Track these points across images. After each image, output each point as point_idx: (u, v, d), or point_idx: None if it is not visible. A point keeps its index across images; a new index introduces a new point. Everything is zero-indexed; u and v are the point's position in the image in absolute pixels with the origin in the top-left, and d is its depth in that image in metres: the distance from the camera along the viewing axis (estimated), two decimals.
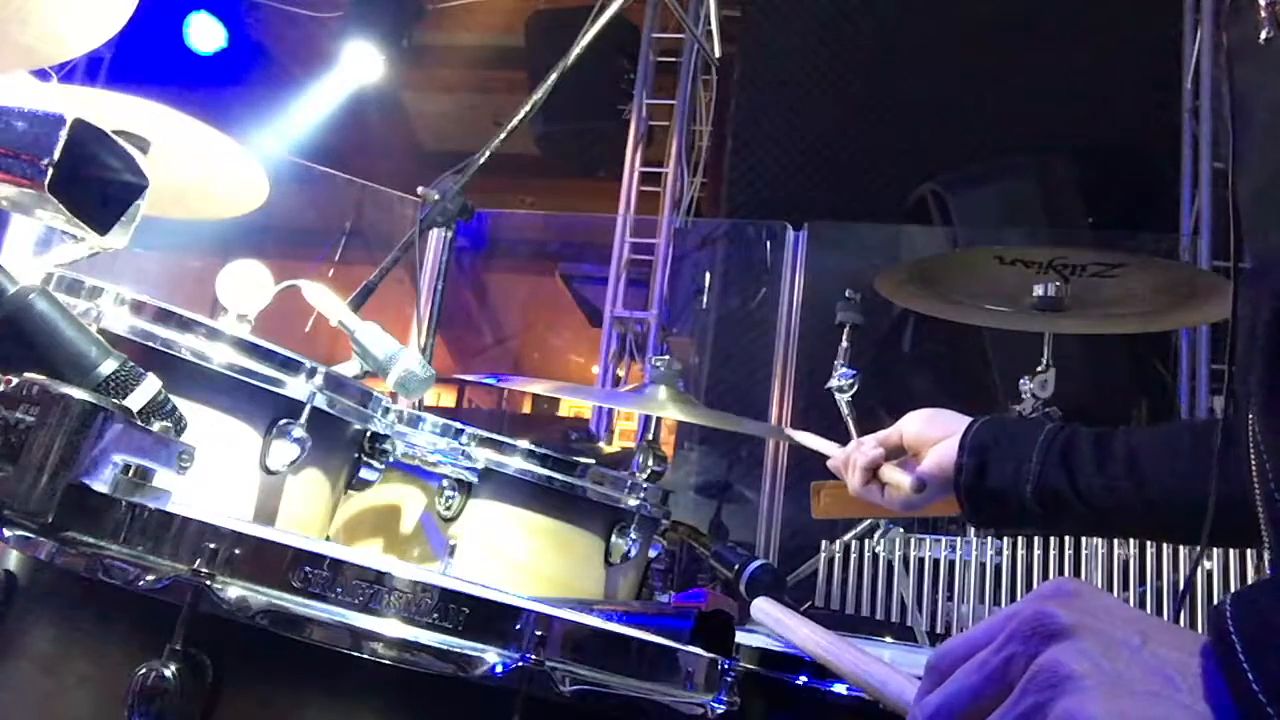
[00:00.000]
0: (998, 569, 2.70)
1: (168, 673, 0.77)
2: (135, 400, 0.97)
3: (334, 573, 0.81)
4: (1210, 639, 0.56)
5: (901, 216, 4.80)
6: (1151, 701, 0.52)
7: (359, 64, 6.54)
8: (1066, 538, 2.66)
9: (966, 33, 4.96)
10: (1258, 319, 0.79)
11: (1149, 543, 2.55)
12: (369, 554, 1.53)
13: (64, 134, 0.91)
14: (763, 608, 1.24)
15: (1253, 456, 0.82)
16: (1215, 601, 0.60)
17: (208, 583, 0.78)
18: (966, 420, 1.33)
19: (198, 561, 0.79)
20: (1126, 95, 4.80)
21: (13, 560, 0.88)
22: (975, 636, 0.61)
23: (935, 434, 1.34)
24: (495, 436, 1.62)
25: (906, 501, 1.37)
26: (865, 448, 1.42)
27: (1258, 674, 0.52)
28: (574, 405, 7.60)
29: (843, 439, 1.53)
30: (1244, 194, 0.90)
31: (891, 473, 1.38)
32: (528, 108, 2.31)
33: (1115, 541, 2.62)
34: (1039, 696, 0.54)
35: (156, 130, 1.83)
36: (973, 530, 2.78)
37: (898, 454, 1.41)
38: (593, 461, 1.68)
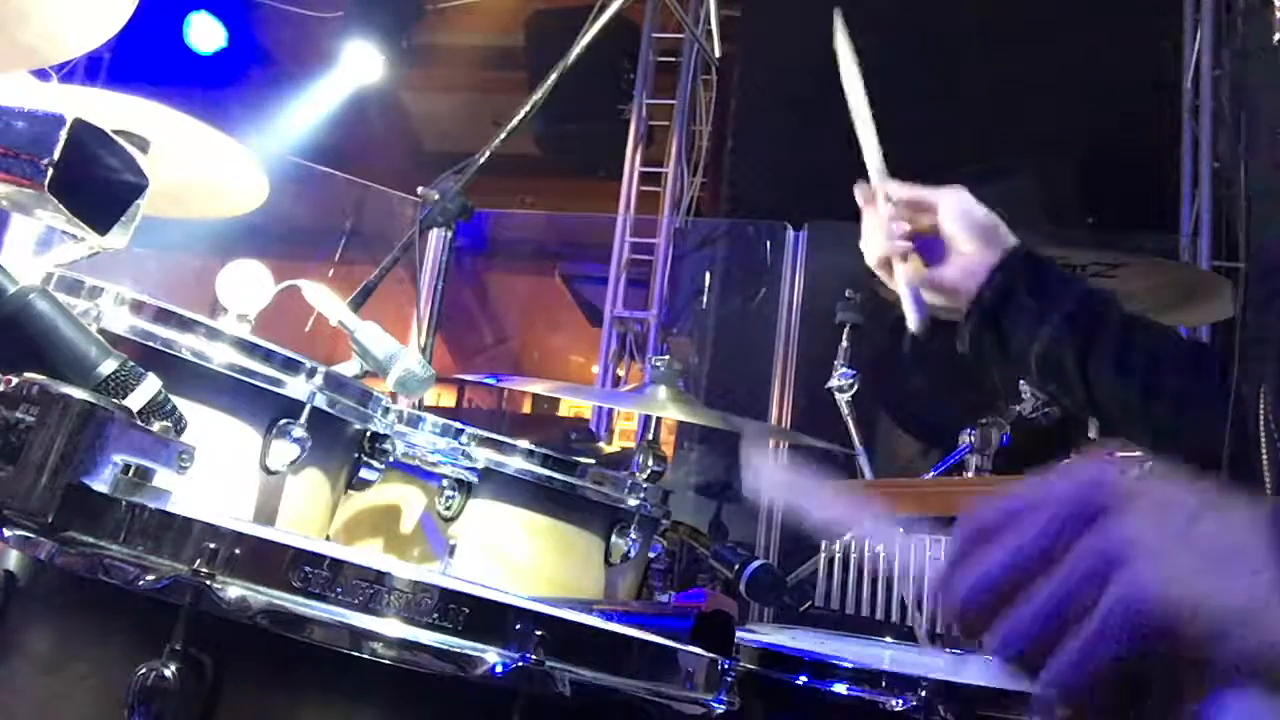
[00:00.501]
0: None
1: (168, 673, 0.77)
2: (135, 400, 0.97)
3: (334, 573, 0.81)
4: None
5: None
6: (1217, 568, 0.51)
7: (359, 64, 6.54)
8: None
9: (966, 33, 4.96)
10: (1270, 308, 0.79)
11: None
12: (369, 554, 1.53)
13: (64, 134, 0.91)
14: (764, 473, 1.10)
15: (1262, 429, 0.83)
16: None
17: (208, 583, 0.78)
18: (1007, 243, 1.27)
19: (198, 561, 0.79)
20: (1126, 95, 4.79)
21: (13, 560, 0.88)
22: (1009, 504, 0.58)
23: (974, 243, 1.27)
24: (495, 436, 1.62)
25: (918, 290, 1.29)
26: (895, 194, 1.34)
27: None
28: (574, 405, 7.60)
29: (843, 439, 1.53)
30: (1254, 185, 0.91)
31: (915, 272, 1.30)
32: (528, 108, 2.30)
33: None
34: (1095, 563, 0.52)
35: (156, 130, 1.83)
36: None
37: (927, 220, 1.32)
38: (593, 461, 1.68)
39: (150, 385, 0.99)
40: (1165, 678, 0.51)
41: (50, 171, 0.90)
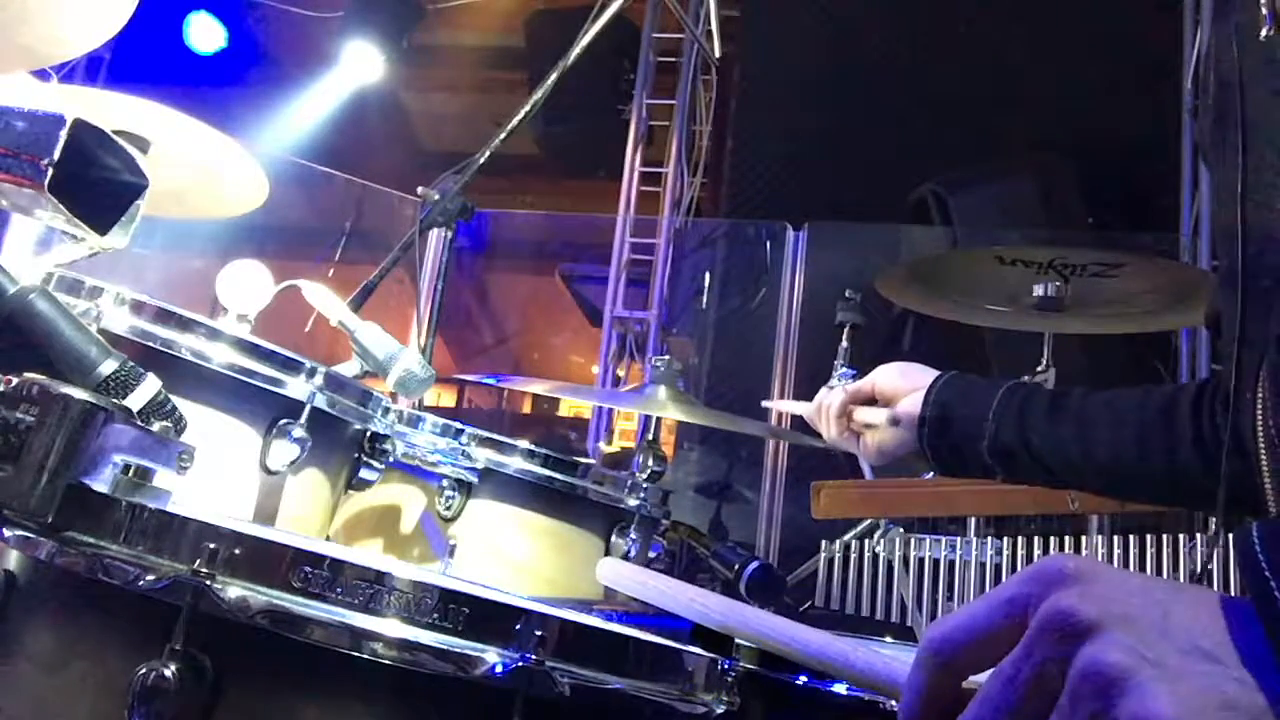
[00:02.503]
0: (998, 569, 2.70)
1: (168, 673, 0.77)
2: (135, 400, 0.97)
3: (334, 573, 0.81)
4: (1242, 573, 0.54)
5: (901, 217, 4.80)
6: (1206, 682, 0.49)
7: (359, 64, 6.53)
8: (1067, 536, 2.66)
9: (966, 33, 4.96)
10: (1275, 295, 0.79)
11: (1152, 538, 2.55)
12: (369, 554, 1.53)
13: (64, 134, 0.90)
14: (610, 568, 1.15)
15: (1259, 420, 0.83)
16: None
17: (208, 583, 0.78)
18: (934, 374, 1.41)
19: (198, 561, 0.79)
20: (1126, 96, 4.79)
21: (13, 560, 0.88)
22: (970, 626, 0.57)
23: (907, 385, 1.42)
24: (495, 436, 1.62)
25: (882, 446, 1.42)
26: (835, 394, 1.49)
27: None
28: (574, 405, 7.60)
29: None
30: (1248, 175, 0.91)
31: (865, 413, 1.45)
32: (528, 108, 2.31)
33: (1117, 538, 2.62)
34: (1094, 704, 0.50)
35: (156, 130, 1.83)
36: (973, 530, 2.78)
37: (869, 404, 1.47)
38: (593, 461, 1.68)
39: (150, 385, 0.99)
40: None
41: (50, 171, 0.90)
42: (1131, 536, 2.59)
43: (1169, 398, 1.23)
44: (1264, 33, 0.90)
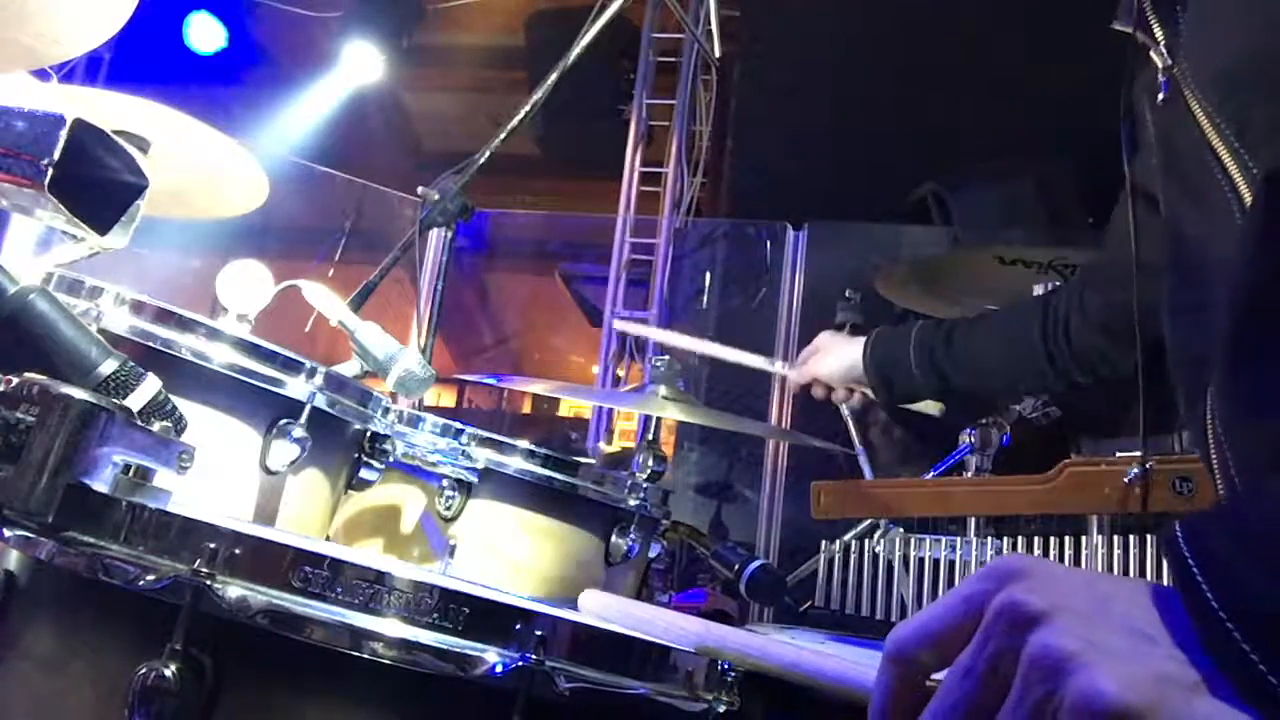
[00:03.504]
0: None
1: (168, 673, 0.77)
2: (135, 400, 0.97)
3: (334, 573, 0.81)
4: (1169, 565, 0.58)
5: (901, 216, 4.80)
6: (1145, 660, 0.53)
7: (359, 64, 6.53)
8: (1067, 538, 2.65)
9: (967, 33, 4.96)
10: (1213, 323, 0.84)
11: (1151, 540, 2.55)
12: (369, 554, 1.53)
13: (64, 134, 0.90)
14: (593, 600, 1.15)
15: (1209, 423, 0.88)
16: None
17: (208, 583, 0.78)
18: (856, 344, 1.90)
19: (198, 561, 0.79)
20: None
21: (13, 560, 0.88)
22: (930, 624, 0.61)
23: (840, 368, 1.94)
24: (495, 436, 1.62)
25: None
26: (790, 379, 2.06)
27: (1215, 590, 0.55)
28: (574, 405, 7.60)
29: (843, 439, 1.57)
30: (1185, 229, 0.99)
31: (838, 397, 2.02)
32: (528, 108, 2.30)
33: (1117, 538, 2.62)
34: (1046, 685, 0.54)
35: (156, 130, 1.83)
36: (973, 530, 2.78)
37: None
38: (593, 461, 1.68)
39: (150, 385, 0.99)
40: None
41: (50, 171, 0.90)
42: (1132, 536, 2.59)
43: (1023, 325, 1.68)
44: (1160, 97, 0.98)
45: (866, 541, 2.82)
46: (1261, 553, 0.55)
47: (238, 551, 0.80)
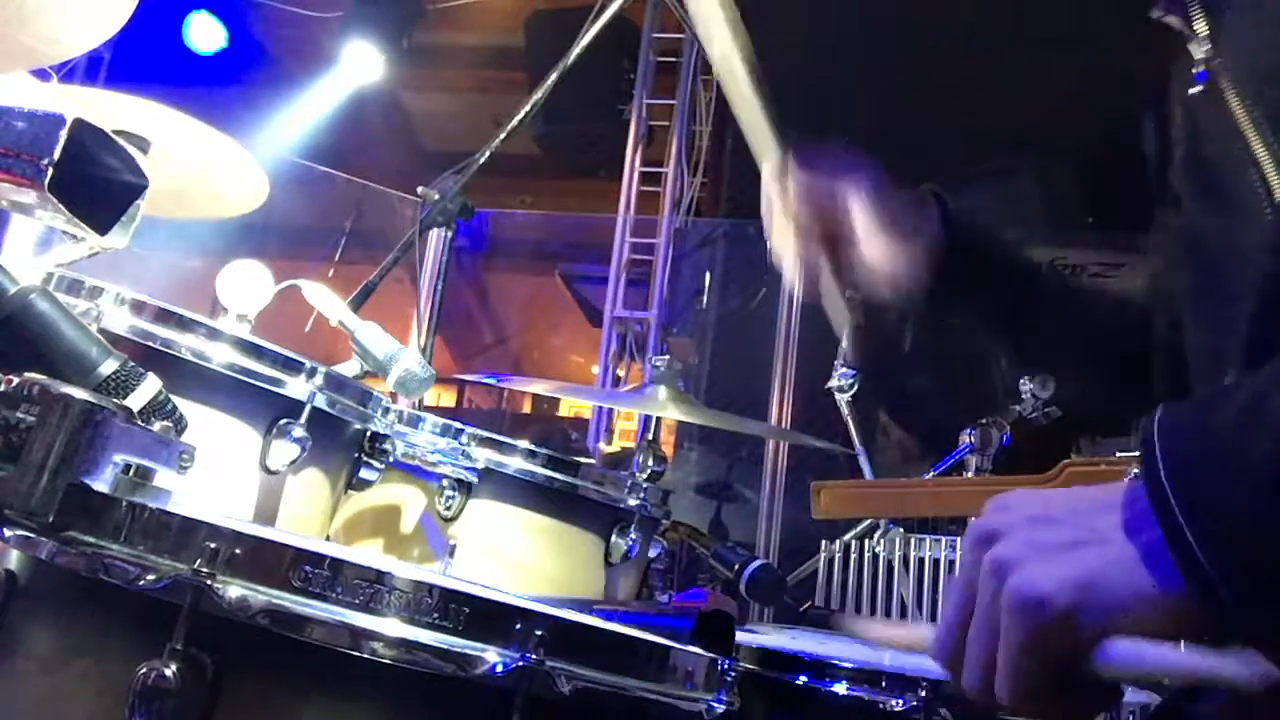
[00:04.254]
0: None
1: (168, 672, 0.77)
2: (135, 400, 0.97)
3: (334, 572, 0.81)
4: (1141, 471, 0.64)
5: None
6: (1074, 554, 0.63)
7: (359, 64, 6.53)
8: None
9: (966, 33, 4.96)
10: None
11: None
12: (369, 554, 1.53)
13: (64, 134, 0.91)
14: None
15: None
16: None
17: (208, 582, 0.78)
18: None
19: (198, 561, 0.79)
20: (1127, 95, 4.79)
21: (13, 560, 0.88)
22: (950, 620, 0.70)
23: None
24: (495, 436, 1.62)
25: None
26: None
27: (1176, 489, 0.61)
28: (574, 405, 7.61)
29: (843, 439, 1.54)
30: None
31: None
32: (528, 108, 2.31)
33: None
34: (992, 584, 0.65)
35: (156, 130, 1.83)
36: None
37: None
38: (593, 461, 1.68)
39: (150, 385, 0.99)
40: (1073, 660, 0.62)
41: (50, 171, 0.90)
42: None
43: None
44: (1192, 90, 0.96)
45: (866, 541, 2.82)
46: (1219, 451, 0.62)
47: (238, 551, 0.80)
